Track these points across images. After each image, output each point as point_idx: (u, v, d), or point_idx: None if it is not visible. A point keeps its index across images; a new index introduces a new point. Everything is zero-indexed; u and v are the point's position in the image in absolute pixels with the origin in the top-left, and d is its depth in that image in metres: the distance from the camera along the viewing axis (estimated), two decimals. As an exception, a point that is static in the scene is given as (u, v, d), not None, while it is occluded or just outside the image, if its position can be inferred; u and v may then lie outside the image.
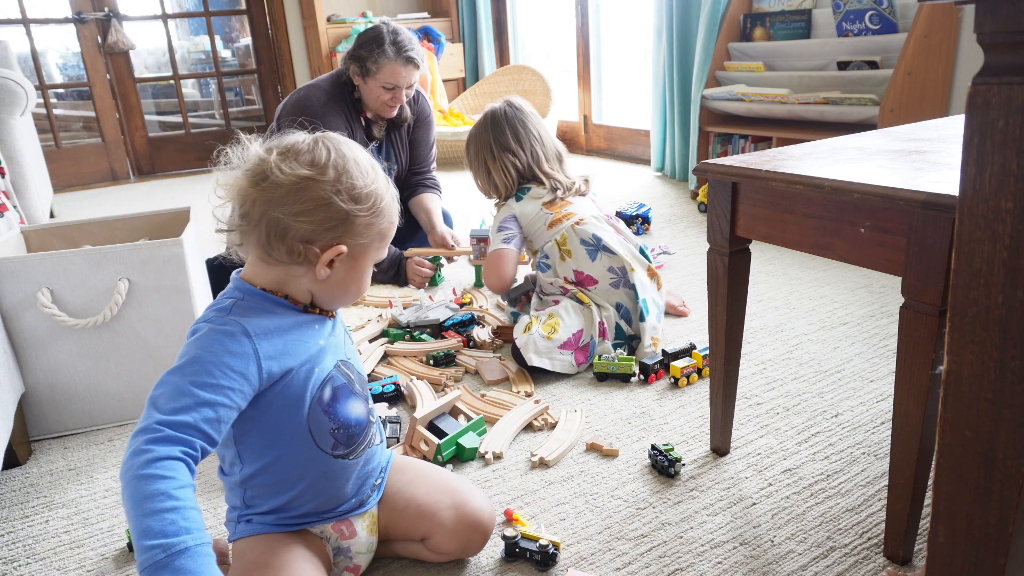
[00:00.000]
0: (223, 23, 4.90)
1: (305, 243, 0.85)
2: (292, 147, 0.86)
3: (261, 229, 0.84)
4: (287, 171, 0.83)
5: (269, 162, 0.84)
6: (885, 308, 1.87)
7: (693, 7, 3.05)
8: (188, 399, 0.77)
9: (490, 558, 1.07)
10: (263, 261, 0.88)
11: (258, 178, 0.84)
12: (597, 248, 1.67)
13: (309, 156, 0.85)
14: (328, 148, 0.86)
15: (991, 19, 0.51)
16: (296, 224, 0.84)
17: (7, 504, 1.27)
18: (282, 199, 0.83)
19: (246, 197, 0.85)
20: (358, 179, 0.86)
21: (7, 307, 1.38)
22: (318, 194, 0.84)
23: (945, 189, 0.81)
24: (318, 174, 0.84)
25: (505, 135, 1.75)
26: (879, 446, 1.29)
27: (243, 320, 0.84)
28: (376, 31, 2.11)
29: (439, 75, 4.60)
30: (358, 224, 0.87)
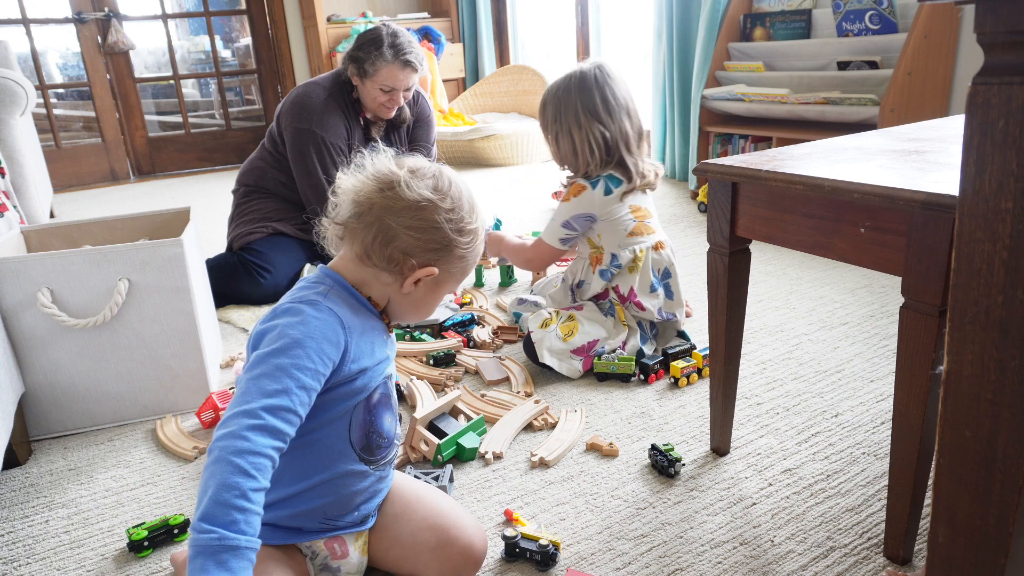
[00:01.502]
0: (223, 23, 4.90)
1: (405, 255, 0.90)
2: (420, 169, 0.93)
3: (371, 231, 0.90)
4: (414, 188, 0.90)
5: (400, 175, 0.90)
6: (885, 308, 1.87)
7: (693, 7, 3.05)
8: (290, 382, 0.80)
9: (490, 558, 1.07)
10: (359, 260, 0.92)
11: (385, 186, 0.90)
12: (662, 283, 1.62)
13: (434, 182, 0.92)
14: (450, 180, 0.94)
15: (991, 19, 0.51)
16: (405, 236, 0.90)
17: (7, 504, 1.27)
18: (400, 211, 0.90)
19: (368, 199, 0.90)
20: (467, 215, 0.94)
21: (7, 307, 1.38)
22: (433, 217, 0.90)
23: (945, 189, 0.81)
24: (439, 199, 0.91)
25: (595, 101, 1.54)
26: (879, 446, 1.29)
27: (339, 310, 0.88)
28: (375, 33, 2.11)
29: (439, 75, 4.60)
30: (455, 254, 0.93)
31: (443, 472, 1.22)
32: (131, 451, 1.42)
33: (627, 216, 1.62)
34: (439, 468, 1.25)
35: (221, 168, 4.71)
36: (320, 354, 0.83)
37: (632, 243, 1.62)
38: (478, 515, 1.17)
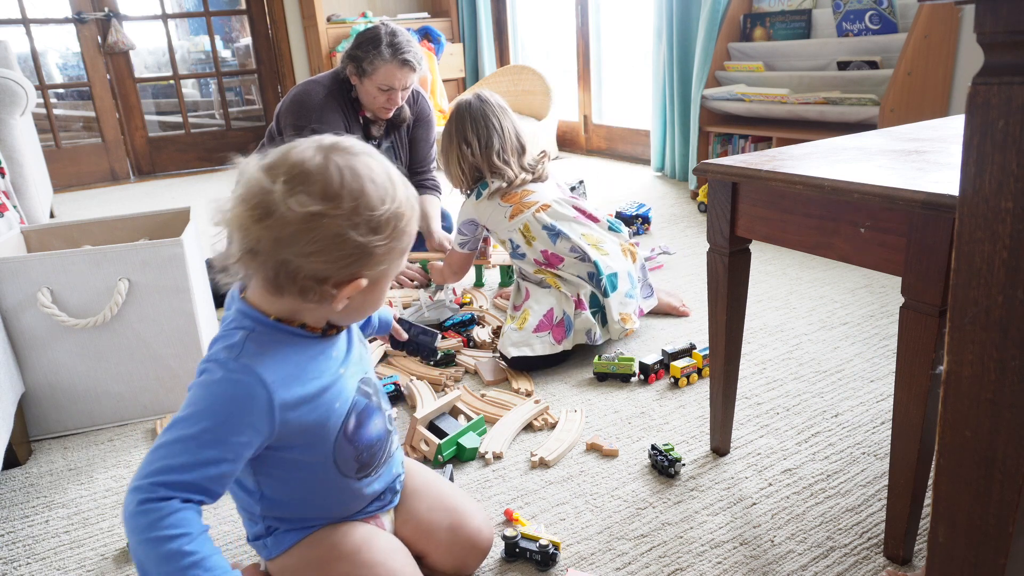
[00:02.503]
0: (223, 23, 4.90)
1: (319, 282, 0.77)
2: (300, 173, 0.74)
3: (269, 268, 0.76)
4: (296, 208, 0.73)
5: (274, 195, 0.73)
6: (885, 308, 1.87)
7: (693, 7, 3.05)
8: (190, 456, 0.73)
9: (490, 558, 1.07)
10: (272, 294, 0.80)
11: (262, 214, 0.73)
12: (556, 233, 1.70)
13: (320, 184, 0.74)
14: (340, 170, 0.76)
15: (991, 19, 0.51)
16: (308, 265, 0.75)
17: (7, 504, 1.27)
18: (291, 239, 0.73)
19: (250, 234, 0.74)
20: (376, 203, 0.76)
21: (7, 307, 1.38)
22: (332, 231, 0.74)
23: (945, 189, 0.81)
24: (332, 208, 0.74)
25: (465, 125, 1.77)
26: (879, 446, 1.29)
27: (257, 364, 0.77)
28: (374, 32, 2.11)
29: (439, 75, 4.60)
30: (377, 254, 0.78)
31: (443, 472, 1.22)
32: (131, 451, 1.42)
33: (501, 207, 1.76)
34: (439, 468, 1.25)
35: (221, 168, 4.71)
36: (230, 423, 0.75)
37: (516, 224, 1.73)
38: (478, 515, 1.17)
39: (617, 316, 1.65)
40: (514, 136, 1.81)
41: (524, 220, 1.73)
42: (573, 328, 1.63)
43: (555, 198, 1.77)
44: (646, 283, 1.83)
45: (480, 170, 1.78)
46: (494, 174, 1.76)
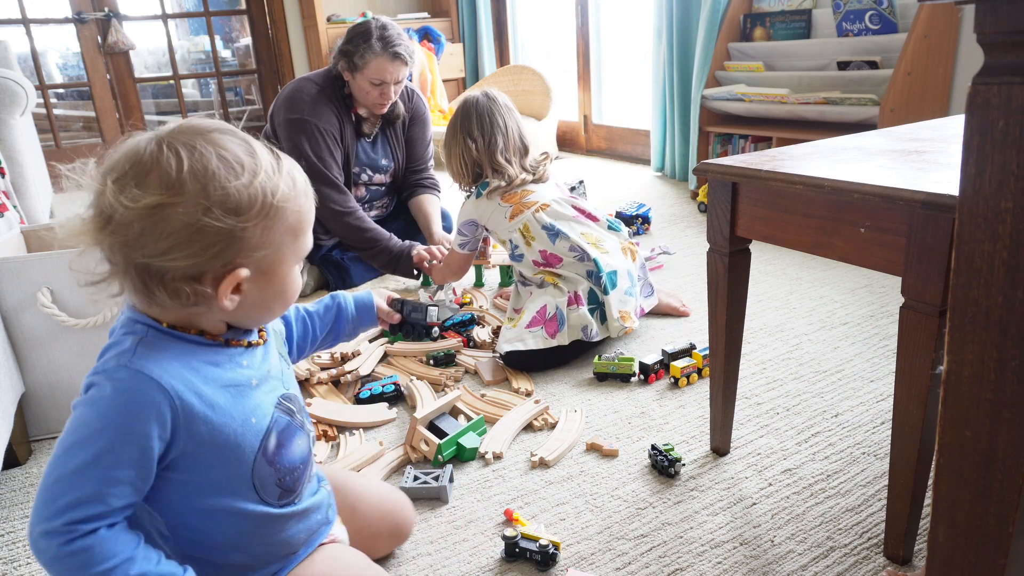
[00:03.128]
0: (223, 23, 4.90)
1: (192, 280, 0.68)
2: (132, 166, 0.67)
3: (131, 276, 0.68)
4: (131, 205, 0.65)
5: (106, 195, 0.66)
6: (885, 308, 1.87)
7: (693, 7, 3.05)
8: (96, 486, 0.66)
9: (490, 558, 1.07)
10: (148, 303, 0.71)
11: (102, 220, 0.67)
12: (555, 233, 1.71)
13: (156, 173, 0.66)
14: (178, 153, 0.67)
15: (991, 19, 0.51)
16: (171, 264, 0.67)
17: (7, 504, 1.27)
18: (138, 239, 0.66)
19: (99, 244, 0.68)
20: (229, 180, 0.68)
21: (7, 307, 1.38)
22: (182, 221, 0.66)
23: (945, 189, 0.81)
24: (172, 196, 0.66)
25: (470, 121, 1.77)
26: (879, 446, 1.29)
27: (152, 367, 0.69)
28: (364, 26, 2.10)
29: (439, 75, 4.60)
30: (249, 237, 0.69)
31: (443, 472, 1.22)
32: (131, 451, 1.42)
33: (501, 207, 1.76)
34: (439, 468, 1.25)
35: (221, 168, 4.71)
36: (128, 439, 0.67)
37: (516, 224, 1.74)
38: (478, 515, 1.17)
39: (617, 314, 1.65)
40: (517, 136, 1.82)
41: (524, 220, 1.74)
42: (567, 323, 1.63)
43: (554, 198, 1.78)
44: (646, 283, 1.83)
45: (481, 167, 1.79)
46: (495, 172, 1.77)
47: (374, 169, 2.32)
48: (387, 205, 2.46)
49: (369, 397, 1.52)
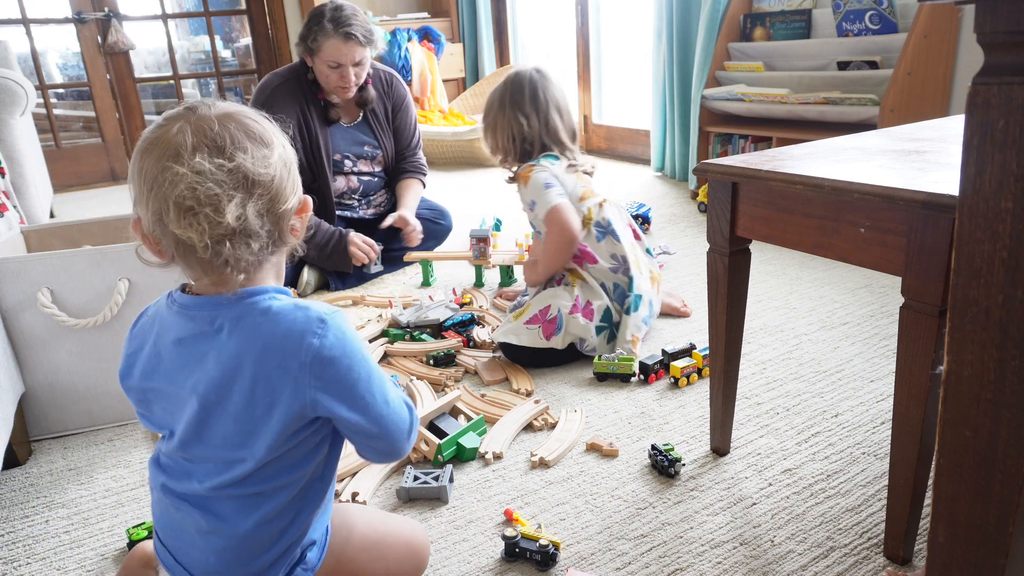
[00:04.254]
0: (223, 23, 4.90)
1: (297, 214, 0.80)
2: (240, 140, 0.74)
3: (274, 229, 0.76)
4: (263, 163, 0.74)
5: (244, 165, 0.72)
6: (885, 308, 1.87)
7: (693, 7, 3.05)
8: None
9: (490, 558, 1.07)
10: (261, 264, 0.78)
11: (247, 188, 0.73)
12: (606, 232, 1.69)
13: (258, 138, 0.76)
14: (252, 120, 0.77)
15: (991, 19, 0.51)
16: (291, 205, 0.77)
17: (7, 504, 1.27)
18: (280, 191, 0.75)
19: (254, 215, 0.73)
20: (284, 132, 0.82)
21: (7, 307, 1.38)
22: (283, 162, 0.77)
23: (945, 189, 0.81)
24: (276, 148, 0.77)
25: (522, 96, 1.69)
26: (879, 446, 1.29)
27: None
28: (318, 8, 2.10)
29: (439, 75, 4.60)
30: (296, 173, 0.81)
31: (443, 472, 1.22)
32: (131, 451, 1.42)
33: (579, 184, 1.70)
34: (439, 468, 1.25)
35: (221, 168, 4.71)
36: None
37: (582, 206, 1.69)
38: (478, 515, 1.17)
39: (629, 336, 1.64)
40: (569, 120, 1.75)
41: (589, 206, 1.69)
42: (564, 328, 1.62)
43: (612, 199, 1.75)
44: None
45: (532, 144, 1.71)
46: (562, 151, 1.70)
47: (358, 156, 2.32)
48: (384, 203, 2.46)
49: (369, 397, 1.52)
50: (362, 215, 2.40)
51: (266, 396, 0.74)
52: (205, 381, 0.75)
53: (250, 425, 0.75)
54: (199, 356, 0.76)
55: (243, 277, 0.76)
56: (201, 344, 0.76)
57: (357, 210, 2.39)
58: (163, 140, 0.72)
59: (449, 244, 2.54)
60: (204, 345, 0.76)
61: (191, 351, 0.77)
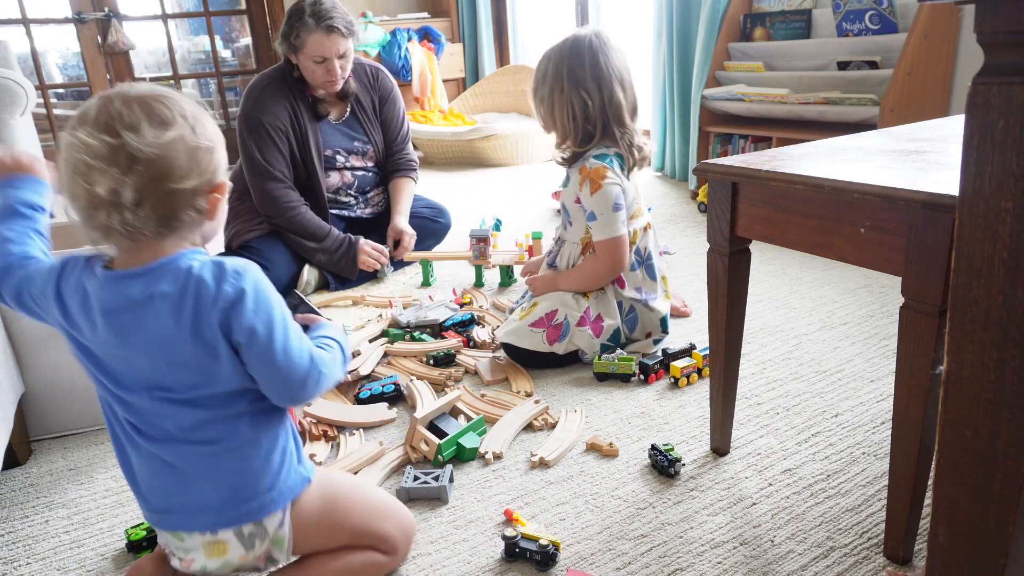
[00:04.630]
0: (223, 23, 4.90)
1: (203, 195, 0.83)
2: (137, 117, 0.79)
3: (160, 206, 0.80)
4: (152, 142, 0.78)
5: (129, 144, 0.77)
6: (885, 308, 1.87)
7: (693, 7, 3.05)
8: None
9: (490, 558, 1.07)
10: (161, 236, 0.82)
11: (127, 164, 0.77)
12: (643, 262, 1.66)
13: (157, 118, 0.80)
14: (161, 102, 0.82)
15: (991, 19, 0.51)
16: (188, 186, 0.81)
17: (7, 504, 1.27)
18: (167, 170, 0.79)
19: (129, 189, 0.78)
20: (205, 116, 0.85)
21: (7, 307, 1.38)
22: (188, 146, 0.81)
23: (945, 189, 0.81)
24: (177, 129, 0.81)
25: (583, 66, 1.50)
26: (879, 446, 1.29)
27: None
28: (297, 5, 2.11)
29: (439, 75, 4.60)
30: (218, 157, 0.86)
31: (443, 472, 1.22)
32: (131, 451, 1.42)
33: (633, 195, 1.63)
34: (439, 468, 1.25)
35: (221, 168, 4.71)
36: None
37: (631, 225, 1.63)
38: (478, 515, 1.17)
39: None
40: (632, 94, 1.55)
41: (636, 228, 1.62)
42: (568, 337, 1.60)
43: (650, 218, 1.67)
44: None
45: (595, 126, 1.54)
46: (623, 134, 1.54)
47: (348, 151, 2.32)
48: (381, 202, 2.46)
49: (369, 397, 1.52)
50: (360, 214, 2.40)
51: (203, 342, 0.82)
52: (147, 343, 0.82)
53: (200, 368, 0.84)
54: (135, 324, 0.82)
55: (148, 247, 0.83)
56: (134, 312, 0.82)
57: (355, 209, 2.39)
58: (81, 110, 0.80)
59: (449, 244, 2.54)
60: (138, 313, 0.82)
61: (122, 321, 0.83)
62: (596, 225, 1.58)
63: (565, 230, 1.72)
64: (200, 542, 0.89)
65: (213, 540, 0.89)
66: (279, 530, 0.91)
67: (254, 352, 0.83)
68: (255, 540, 0.90)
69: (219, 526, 0.88)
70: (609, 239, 1.57)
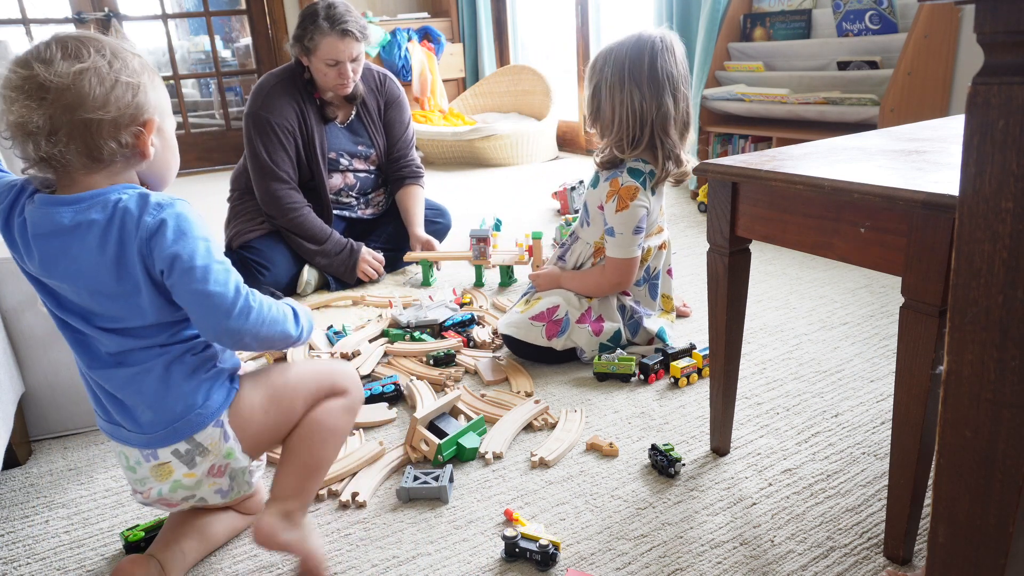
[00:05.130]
0: (223, 23, 4.90)
1: (125, 128, 0.86)
2: (52, 53, 0.83)
3: (77, 135, 0.83)
4: (62, 73, 0.82)
5: (38, 76, 0.81)
6: (885, 308, 1.87)
7: (693, 7, 3.05)
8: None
9: (490, 558, 1.07)
10: (90, 168, 0.87)
11: (39, 96, 0.82)
12: (649, 281, 1.66)
13: (72, 53, 0.84)
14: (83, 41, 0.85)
15: (991, 19, 0.51)
16: (106, 116, 0.84)
17: (7, 504, 1.27)
18: (77, 100, 0.82)
19: (39, 116, 0.82)
20: (127, 52, 0.88)
21: (7, 307, 1.38)
22: (105, 79, 0.84)
23: (945, 189, 0.81)
24: (91, 63, 0.84)
25: (642, 68, 1.46)
26: (879, 446, 1.29)
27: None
28: (311, 8, 2.11)
29: (439, 75, 4.60)
30: (148, 94, 0.88)
31: (443, 472, 1.22)
32: (131, 451, 1.42)
33: (656, 216, 1.62)
34: (439, 468, 1.25)
35: (221, 168, 4.71)
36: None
37: (648, 241, 1.63)
38: (478, 515, 1.17)
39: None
40: (684, 108, 1.52)
41: (651, 245, 1.62)
42: (567, 333, 1.61)
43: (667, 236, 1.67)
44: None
45: (643, 131, 1.49)
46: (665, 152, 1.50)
47: (352, 154, 2.33)
48: (382, 203, 2.47)
49: (369, 397, 1.52)
50: (361, 215, 2.41)
51: (126, 273, 0.87)
52: (72, 272, 0.87)
53: (122, 300, 0.88)
54: (61, 251, 0.87)
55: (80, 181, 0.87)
56: (61, 239, 0.86)
57: (356, 210, 2.40)
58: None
59: (449, 244, 2.54)
60: (64, 239, 0.86)
61: (50, 246, 0.87)
62: (613, 242, 1.58)
63: (582, 227, 1.70)
64: (148, 469, 0.96)
65: (157, 464, 0.96)
66: (222, 443, 0.97)
67: (176, 278, 0.87)
68: (194, 456, 0.96)
69: (152, 445, 0.95)
70: (622, 259, 1.58)
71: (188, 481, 0.97)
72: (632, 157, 1.54)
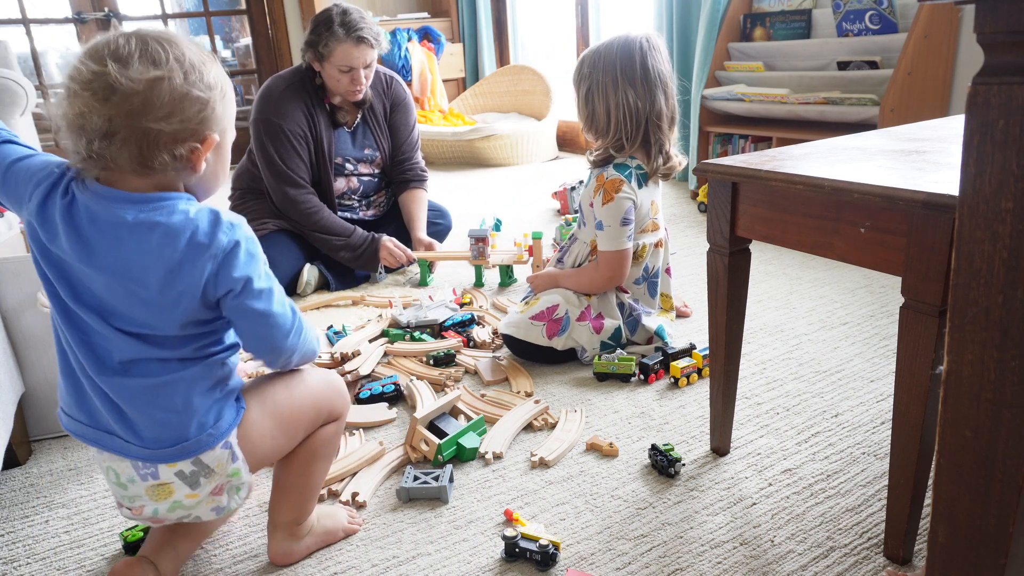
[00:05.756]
0: (223, 23, 4.90)
1: (181, 142, 0.84)
2: (129, 51, 0.80)
3: (132, 144, 0.81)
4: (135, 77, 0.79)
5: (110, 74, 0.79)
6: (885, 308, 1.87)
7: (693, 7, 3.05)
8: None
9: (490, 558, 1.07)
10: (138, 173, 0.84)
11: (106, 94, 0.79)
12: (647, 280, 1.66)
13: (148, 56, 0.81)
14: (160, 43, 0.83)
15: (991, 19, 0.51)
16: (167, 128, 0.81)
17: (7, 504, 1.27)
18: (143, 107, 0.80)
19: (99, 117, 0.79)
20: (200, 64, 0.85)
21: (7, 307, 1.38)
22: (176, 91, 0.81)
23: (945, 189, 0.81)
24: (167, 71, 0.81)
25: (634, 67, 1.49)
26: (879, 446, 1.29)
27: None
28: (325, 13, 2.11)
29: (439, 75, 4.60)
30: (216, 111, 0.86)
31: (443, 472, 1.22)
32: (131, 451, 1.42)
33: (647, 210, 1.63)
34: (439, 468, 1.25)
35: (221, 168, 4.71)
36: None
37: (639, 238, 1.64)
38: (478, 515, 1.17)
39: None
40: (673, 103, 1.55)
41: (646, 242, 1.62)
42: (568, 332, 1.62)
43: (665, 238, 1.68)
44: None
45: (638, 128, 1.52)
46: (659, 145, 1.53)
47: (358, 159, 2.33)
48: (383, 204, 2.47)
49: (369, 397, 1.52)
50: (362, 216, 2.41)
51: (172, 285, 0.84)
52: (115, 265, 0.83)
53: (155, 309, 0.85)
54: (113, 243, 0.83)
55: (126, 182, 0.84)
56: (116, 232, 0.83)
57: (357, 211, 2.40)
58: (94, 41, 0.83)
59: (449, 244, 2.54)
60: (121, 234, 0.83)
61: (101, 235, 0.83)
62: (602, 235, 1.59)
63: (579, 228, 1.73)
64: (143, 488, 0.92)
65: (156, 484, 0.92)
66: (229, 464, 0.94)
67: (242, 299, 0.86)
68: (199, 478, 0.92)
69: (155, 460, 0.90)
70: (612, 251, 1.59)
71: (189, 502, 0.93)
72: (629, 155, 1.58)
